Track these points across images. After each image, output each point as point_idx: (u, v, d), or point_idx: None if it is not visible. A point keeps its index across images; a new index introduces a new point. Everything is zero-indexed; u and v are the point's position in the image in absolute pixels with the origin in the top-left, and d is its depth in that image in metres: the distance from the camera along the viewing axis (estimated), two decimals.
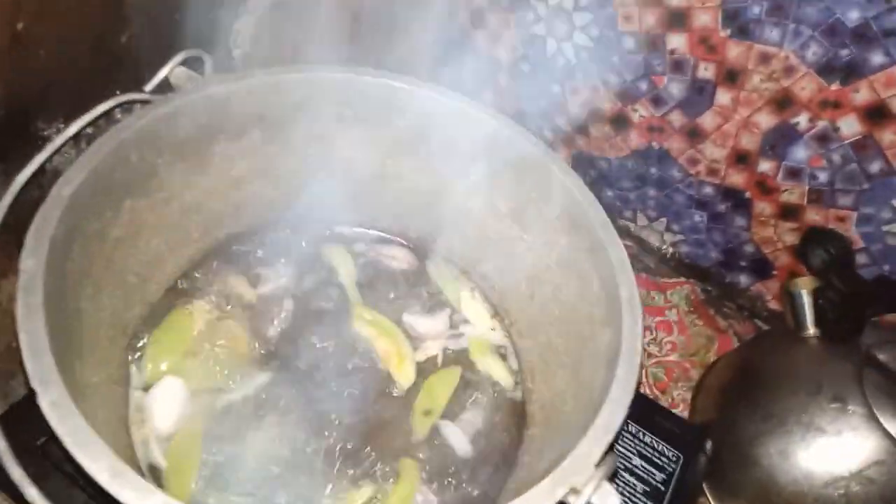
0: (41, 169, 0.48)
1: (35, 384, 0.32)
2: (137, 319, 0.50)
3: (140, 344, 0.50)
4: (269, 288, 0.56)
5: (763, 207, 0.74)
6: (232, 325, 0.53)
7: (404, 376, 0.54)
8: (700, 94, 0.70)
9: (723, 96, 0.69)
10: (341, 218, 0.62)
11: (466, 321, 0.58)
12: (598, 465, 0.35)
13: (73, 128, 0.43)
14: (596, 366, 0.43)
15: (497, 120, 0.50)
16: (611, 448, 0.36)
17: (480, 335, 0.58)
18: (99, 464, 0.30)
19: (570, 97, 0.79)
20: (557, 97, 0.80)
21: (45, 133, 0.49)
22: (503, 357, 0.57)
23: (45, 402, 0.31)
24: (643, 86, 0.73)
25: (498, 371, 0.55)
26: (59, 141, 0.43)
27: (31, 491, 0.30)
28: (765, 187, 0.72)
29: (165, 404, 0.48)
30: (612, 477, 0.35)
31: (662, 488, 0.58)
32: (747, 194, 0.74)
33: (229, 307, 0.54)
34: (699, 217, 0.80)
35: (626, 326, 0.41)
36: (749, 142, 0.70)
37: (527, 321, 0.56)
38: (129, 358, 0.49)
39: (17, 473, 0.31)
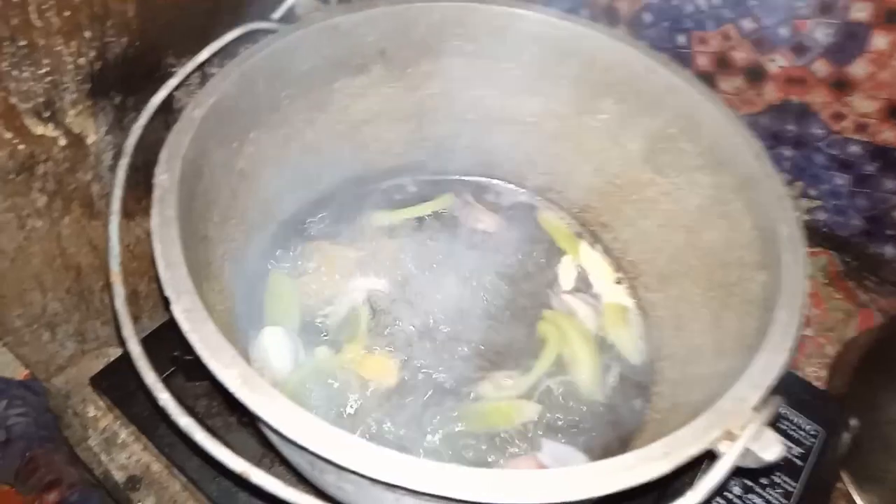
0: (170, 109, 0.49)
1: (169, 292, 0.31)
2: (259, 255, 0.50)
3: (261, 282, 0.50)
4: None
5: None
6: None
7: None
8: (851, 39, 0.63)
9: (879, 40, 0.62)
10: (457, 166, 0.60)
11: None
12: (756, 408, 0.31)
13: (203, 55, 0.43)
14: (746, 313, 0.39)
15: (636, 48, 0.46)
16: (772, 394, 0.32)
17: (615, 301, 0.55)
18: (230, 371, 0.29)
19: (696, 47, 0.73)
20: (683, 48, 0.74)
21: (175, 69, 0.49)
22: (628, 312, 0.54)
23: (178, 310, 0.31)
24: (783, 31, 0.66)
25: (627, 344, 0.52)
26: (189, 67, 0.43)
27: (164, 395, 0.30)
28: None
29: (274, 351, 0.48)
30: (774, 424, 0.31)
31: (800, 463, 0.53)
32: None
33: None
34: (841, 180, 0.73)
35: (786, 266, 0.36)
36: None
37: (656, 273, 0.52)
38: (251, 293, 0.49)
39: (150, 378, 0.30)
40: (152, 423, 0.50)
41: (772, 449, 0.30)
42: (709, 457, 0.30)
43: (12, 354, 0.54)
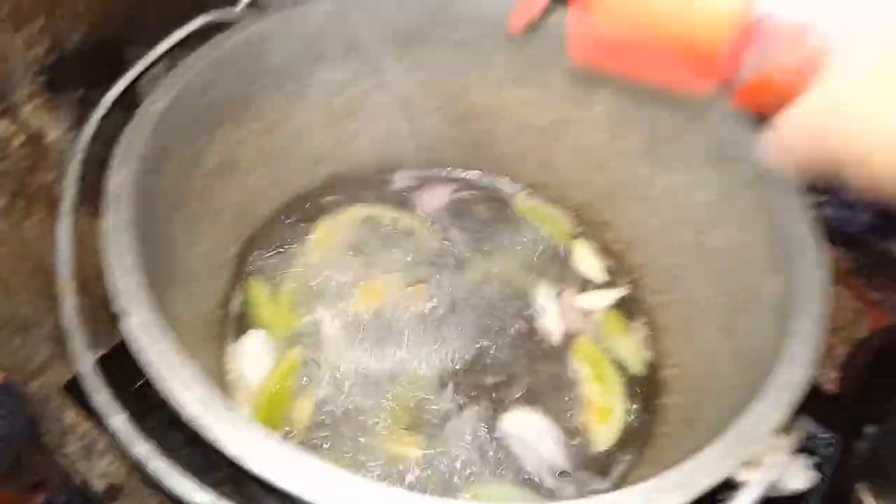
0: (131, 97, 0.46)
1: (121, 304, 0.28)
2: (235, 259, 0.47)
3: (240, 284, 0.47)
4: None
5: None
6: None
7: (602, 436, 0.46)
8: None
9: None
10: (446, 161, 0.56)
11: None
12: (780, 433, 0.28)
13: (162, 46, 0.40)
14: (761, 320, 0.35)
15: None
16: (797, 415, 0.28)
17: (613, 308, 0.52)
18: (191, 392, 0.26)
19: None
20: None
21: (137, 61, 0.46)
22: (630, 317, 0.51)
23: (132, 324, 0.27)
24: None
25: (628, 353, 0.49)
26: (148, 60, 0.40)
27: (116, 419, 0.27)
28: None
29: (253, 358, 0.45)
30: (802, 450, 0.27)
31: (817, 473, 0.49)
32: None
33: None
34: None
35: (801, 270, 0.33)
36: None
37: (661, 275, 0.49)
38: (227, 298, 0.46)
39: (102, 399, 0.27)
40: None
41: (801, 477, 0.26)
42: (727, 486, 0.27)
43: None
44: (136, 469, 0.47)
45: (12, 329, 0.51)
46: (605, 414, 0.46)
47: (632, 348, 0.49)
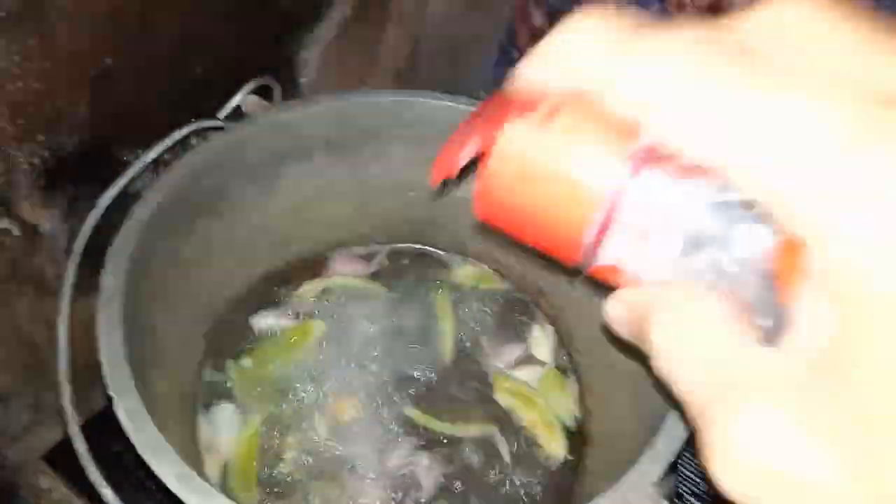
0: (123, 194, 0.51)
1: (112, 392, 0.34)
2: (207, 336, 0.53)
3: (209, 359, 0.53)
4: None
5: None
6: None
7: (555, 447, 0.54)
8: None
9: None
10: (399, 237, 0.63)
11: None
12: (655, 484, 0.34)
13: (152, 153, 0.46)
14: (659, 384, 0.42)
15: None
16: (671, 469, 0.35)
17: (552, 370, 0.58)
18: (168, 468, 0.31)
19: None
20: None
21: (126, 159, 0.52)
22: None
23: (121, 410, 0.33)
24: None
25: (563, 408, 0.56)
26: (139, 165, 0.45)
27: (106, 492, 0.32)
28: None
29: (223, 429, 0.51)
30: (672, 498, 0.33)
31: None
32: None
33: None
34: None
35: None
36: None
37: (586, 340, 0.55)
38: (200, 372, 0.51)
39: (94, 476, 0.32)
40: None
41: None
42: None
43: None
44: None
45: None
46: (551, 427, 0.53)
47: (566, 403, 0.55)
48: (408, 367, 0.56)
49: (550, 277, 0.58)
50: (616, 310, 0.21)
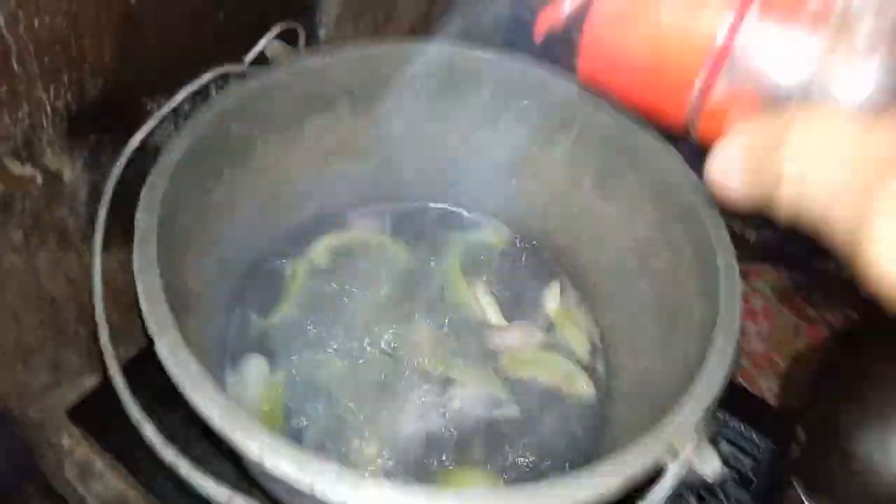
0: (142, 146, 0.51)
1: (152, 329, 0.33)
2: (232, 287, 0.52)
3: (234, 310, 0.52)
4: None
5: None
6: None
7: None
8: None
9: None
10: (422, 195, 0.63)
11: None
12: (697, 427, 0.34)
13: (179, 97, 0.45)
14: (689, 337, 0.42)
15: (581, 89, 0.50)
16: (711, 414, 0.35)
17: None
18: (211, 404, 0.31)
19: None
20: None
21: (149, 108, 0.51)
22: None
23: (161, 346, 0.33)
24: None
25: (577, 341, 0.56)
26: (164, 110, 0.45)
27: (149, 427, 0.32)
28: None
29: (250, 380, 0.51)
30: (714, 441, 0.33)
31: (752, 476, 0.56)
32: None
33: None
34: None
35: (723, 295, 0.40)
36: None
37: (612, 297, 0.55)
38: (226, 323, 0.51)
39: (136, 413, 0.32)
40: (129, 453, 0.51)
41: (711, 465, 0.33)
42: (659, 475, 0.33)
43: None
44: (140, 483, 0.51)
45: (17, 356, 0.54)
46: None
47: (580, 338, 0.56)
48: (425, 324, 0.56)
49: (573, 235, 0.58)
50: (734, 147, 0.20)
